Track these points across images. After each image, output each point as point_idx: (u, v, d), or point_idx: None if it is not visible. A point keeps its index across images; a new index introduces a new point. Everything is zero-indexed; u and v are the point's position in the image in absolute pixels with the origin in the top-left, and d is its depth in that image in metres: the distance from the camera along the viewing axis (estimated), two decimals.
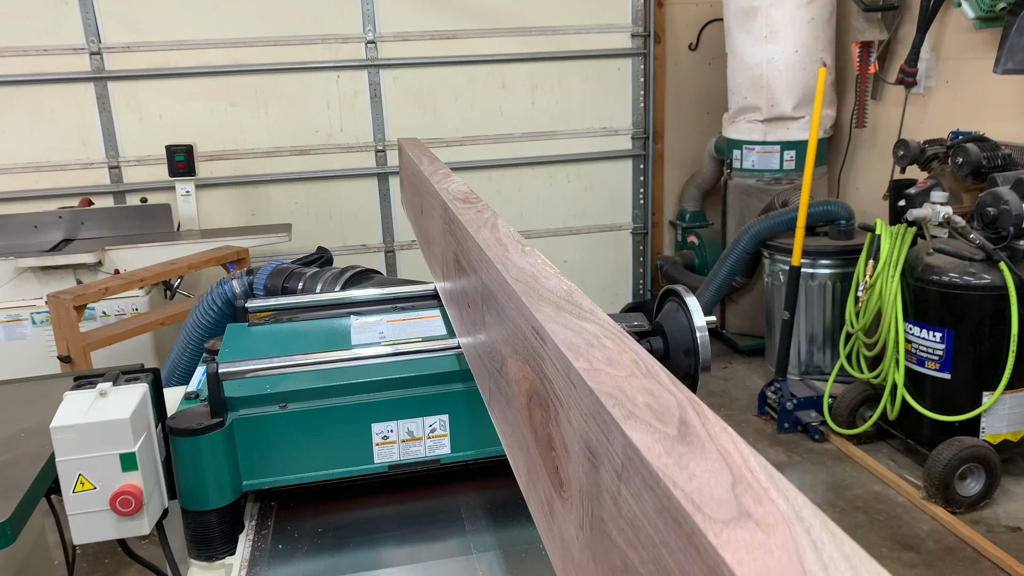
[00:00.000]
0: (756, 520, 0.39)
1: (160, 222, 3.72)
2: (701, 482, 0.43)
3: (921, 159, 3.37)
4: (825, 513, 0.40)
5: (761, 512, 0.40)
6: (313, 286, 1.80)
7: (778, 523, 0.39)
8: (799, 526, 0.39)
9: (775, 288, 4.07)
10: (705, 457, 0.46)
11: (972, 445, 3.03)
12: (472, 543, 1.27)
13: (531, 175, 4.83)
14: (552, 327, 0.69)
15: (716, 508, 0.40)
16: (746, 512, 0.40)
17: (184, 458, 1.21)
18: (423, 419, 1.33)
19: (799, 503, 0.41)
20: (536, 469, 0.75)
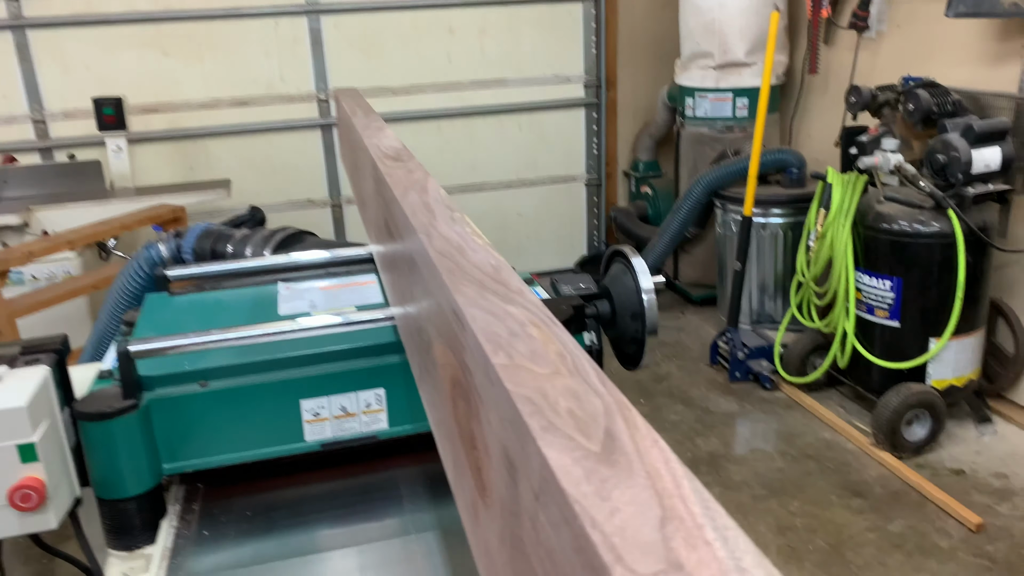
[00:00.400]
0: (688, 573, 0.33)
1: (91, 180, 3.53)
2: (625, 519, 0.36)
3: (873, 105, 3.33)
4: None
5: (694, 561, 0.33)
6: (242, 250, 1.69)
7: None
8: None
9: (727, 238, 4.05)
10: (632, 483, 0.39)
11: (919, 391, 3.07)
12: (411, 522, 1.21)
13: (482, 125, 4.70)
14: (473, 312, 0.61)
15: (640, 557, 0.34)
16: (676, 563, 0.33)
17: (95, 444, 1.12)
18: (357, 394, 1.25)
19: (740, 547, 0.34)
20: (461, 465, 0.69)
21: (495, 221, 4.88)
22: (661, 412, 3.50)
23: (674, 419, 3.45)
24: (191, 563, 1.12)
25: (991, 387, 3.38)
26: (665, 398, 3.62)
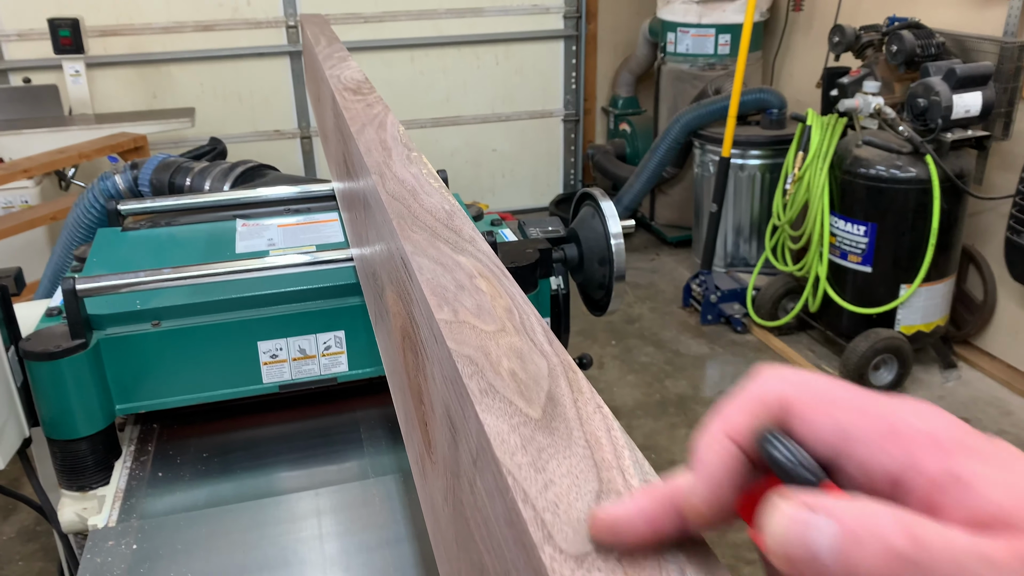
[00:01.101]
0: (620, 553, 0.31)
1: (48, 105, 3.39)
2: (559, 493, 0.34)
3: (856, 46, 3.27)
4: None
5: None
6: (201, 183, 1.63)
7: (648, 559, 0.30)
8: (673, 563, 0.30)
9: (705, 179, 4.02)
10: (570, 453, 0.36)
11: (887, 337, 3.10)
12: (370, 465, 1.20)
13: (457, 56, 4.57)
14: (420, 261, 0.58)
15: (571, 536, 0.31)
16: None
17: (43, 384, 1.08)
18: (316, 336, 1.22)
19: None
20: (411, 418, 0.66)
21: (469, 157, 4.80)
22: (631, 354, 3.51)
23: (644, 361, 3.46)
24: (145, 504, 1.11)
25: (958, 333, 3.43)
26: (636, 339, 3.63)
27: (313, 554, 1.02)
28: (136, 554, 1.01)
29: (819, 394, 0.33)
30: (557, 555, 0.30)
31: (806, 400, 0.33)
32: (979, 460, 0.30)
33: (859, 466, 0.31)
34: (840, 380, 0.33)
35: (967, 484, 0.29)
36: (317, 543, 1.04)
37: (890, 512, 0.27)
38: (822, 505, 0.28)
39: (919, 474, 0.30)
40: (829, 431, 0.32)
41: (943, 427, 0.31)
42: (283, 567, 0.99)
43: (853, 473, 0.31)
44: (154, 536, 1.04)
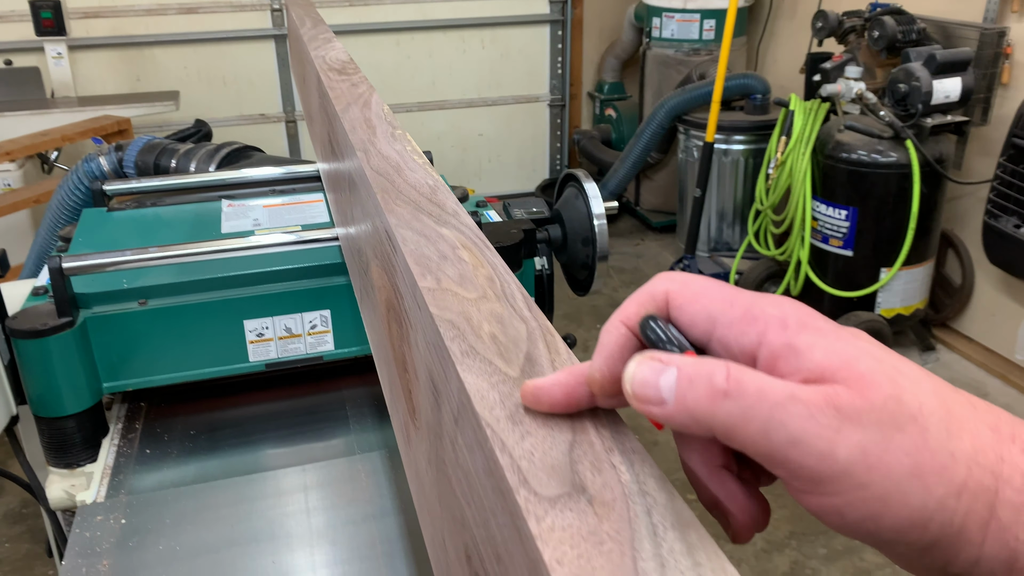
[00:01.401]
0: (591, 496, 0.32)
1: (30, 88, 3.36)
2: (535, 443, 0.36)
3: (839, 31, 3.30)
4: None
5: (599, 485, 0.33)
6: (186, 164, 1.64)
7: (616, 500, 0.32)
8: (640, 505, 0.32)
9: (689, 164, 4.04)
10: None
11: (867, 319, 3.14)
12: (356, 442, 1.21)
13: (443, 40, 4.56)
14: (404, 233, 0.59)
15: (545, 480, 0.33)
16: (580, 485, 0.33)
17: (29, 362, 1.09)
18: (302, 315, 1.23)
19: (644, 471, 0.34)
20: (396, 388, 0.68)
21: (455, 141, 4.80)
22: None
23: None
24: (133, 480, 1.12)
25: (937, 316, 3.48)
26: None
27: (300, 528, 1.03)
28: (125, 528, 1.02)
29: (695, 289, 0.39)
30: (532, 497, 0.32)
31: (685, 294, 0.39)
32: (814, 334, 0.35)
33: (723, 345, 0.37)
34: (715, 280, 0.39)
35: (799, 352, 0.34)
36: (304, 517, 1.05)
37: (720, 363, 0.34)
38: (669, 358, 0.34)
39: (766, 347, 0.35)
40: (701, 318, 0.38)
41: (792, 312, 0.36)
42: (270, 540, 1.01)
43: (720, 351, 0.37)
44: (142, 511, 1.05)
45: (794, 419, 0.32)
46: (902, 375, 0.34)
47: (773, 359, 0.35)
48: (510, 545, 0.34)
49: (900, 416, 0.32)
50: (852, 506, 0.32)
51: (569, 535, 0.30)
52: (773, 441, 0.32)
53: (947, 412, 0.33)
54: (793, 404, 0.32)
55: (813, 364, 0.34)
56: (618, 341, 0.38)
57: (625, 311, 0.39)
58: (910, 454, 0.32)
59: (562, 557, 0.29)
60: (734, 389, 0.33)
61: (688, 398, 0.33)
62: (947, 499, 0.32)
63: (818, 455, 0.32)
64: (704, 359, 0.34)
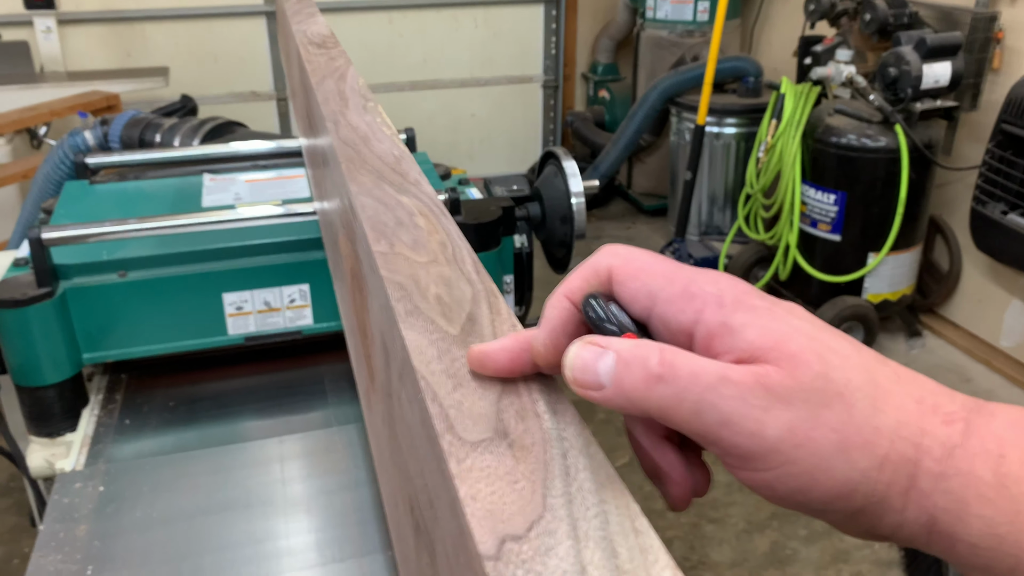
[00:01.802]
0: (511, 441, 0.34)
1: (18, 62, 3.35)
2: (465, 393, 0.37)
3: (831, 14, 3.29)
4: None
5: (520, 431, 0.35)
6: (171, 139, 1.64)
7: (535, 445, 0.34)
8: (557, 448, 0.34)
9: (681, 147, 4.04)
10: None
11: (854, 304, 3.16)
12: (334, 415, 1.23)
13: (435, 18, 4.54)
14: (364, 201, 0.61)
15: (471, 427, 0.35)
16: (503, 431, 0.35)
17: (10, 332, 1.10)
18: (281, 289, 1.25)
19: (566, 419, 0.36)
20: (359, 355, 0.69)
21: (446, 122, 4.79)
22: None
23: None
24: (112, 450, 1.13)
25: (924, 302, 3.50)
26: None
27: (275, 496, 1.05)
28: (103, 496, 1.04)
29: (637, 265, 0.39)
30: (456, 441, 0.34)
31: (627, 270, 0.39)
32: (749, 313, 0.36)
33: (663, 322, 0.38)
34: (659, 255, 0.40)
35: (733, 331, 0.35)
36: (280, 486, 1.07)
37: (656, 346, 0.35)
38: (607, 343, 0.35)
39: (702, 325, 0.36)
40: (642, 294, 0.39)
41: (728, 289, 0.37)
42: (245, 508, 1.03)
43: (660, 329, 0.38)
44: (121, 479, 1.07)
45: (725, 400, 0.33)
46: (831, 352, 0.35)
47: (709, 337, 0.36)
48: (439, 489, 0.35)
49: (827, 393, 0.34)
50: (782, 481, 0.34)
51: (486, 475, 0.32)
52: (705, 422, 0.34)
53: (874, 386, 0.35)
54: (724, 386, 0.34)
55: (746, 343, 0.35)
56: (561, 316, 0.39)
57: (569, 285, 0.40)
58: (836, 430, 0.33)
59: (477, 494, 0.31)
60: (667, 373, 0.34)
61: (625, 382, 0.34)
62: (870, 471, 0.34)
63: (748, 434, 0.33)
64: (641, 342, 0.35)
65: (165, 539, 0.97)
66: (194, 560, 0.93)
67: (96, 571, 0.91)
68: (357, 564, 0.94)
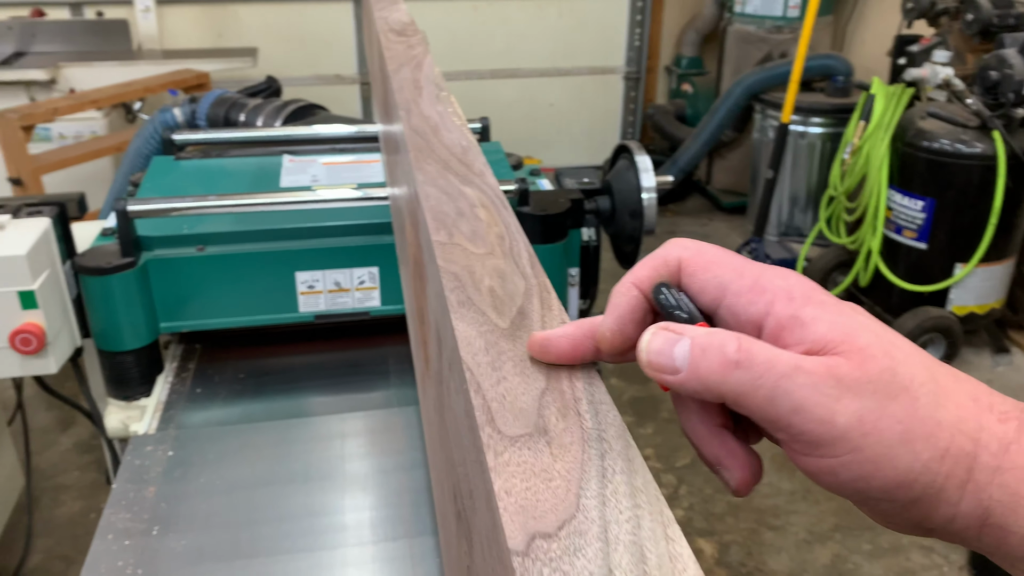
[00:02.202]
0: (550, 438, 0.34)
1: (117, 39, 3.50)
2: (509, 387, 0.37)
3: (930, 13, 3.15)
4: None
5: (560, 428, 0.35)
6: (254, 119, 1.69)
7: (573, 443, 0.34)
8: (595, 449, 0.33)
9: (764, 145, 3.94)
10: (527, 357, 0.40)
11: (937, 316, 3.03)
12: (395, 396, 1.25)
13: (518, 7, 4.54)
14: (428, 190, 0.61)
15: (511, 421, 0.35)
16: (543, 428, 0.35)
17: (94, 298, 1.16)
18: (352, 270, 1.27)
19: (607, 420, 0.35)
20: (417, 340, 0.70)
21: (525, 111, 4.79)
22: None
23: None
24: (182, 416, 1.18)
25: (1014, 318, 3.33)
26: None
27: (334, 472, 1.08)
28: (171, 460, 1.09)
29: (707, 257, 0.41)
30: (495, 434, 0.34)
31: (697, 262, 0.41)
32: (818, 307, 0.37)
33: (732, 314, 0.39)
34: (727, 250, 0.41)
35: (803, 323, 0.37)
36: (339, 462, 1.10)
37: (731, 334, 0.36)
38: (683, 329, 0.37)
39: (772, 318, 0.38)
40: (712, 285, 0.40)
41: (797, 285, 0.39)
42: (304, 481, 1.06)
43: (728, 319, 0.40)
44: (189, 445, 1.11)
45: (798, 388, 0.35)
46: (896, 348, 0.37)
47: (779, 329, 0.37)
48: (477, 480, 0.36)
49: (894, 386, 0.35)
50: (846, 467, 0.35)
51: (522, 470, 0.32)
52: (778, 408, 0.35)
53: (935, 383, 0.36)
54: (798, 374, 0.35)
55: (817, 336, 0.36)
56: (629, 303, 0.41)
57: (637, 274, 0.41)
58: (902, 421, 0.35)
59: (511, 488, 0.31)
60: (744, 359, 0.35)
61: (701, 367, 0.36)
62: (931, 462, 0.35)
63: (818, 421, 0.35)
64: (716, 330, 0.36)
65: (226, 506, 1.00)
66: (253, 529, 0.97)
67: (161, 532, 0.95)
68: (408, 544, 0.96)
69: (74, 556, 2.20)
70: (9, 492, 1.95)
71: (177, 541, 0.94)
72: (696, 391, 0.36)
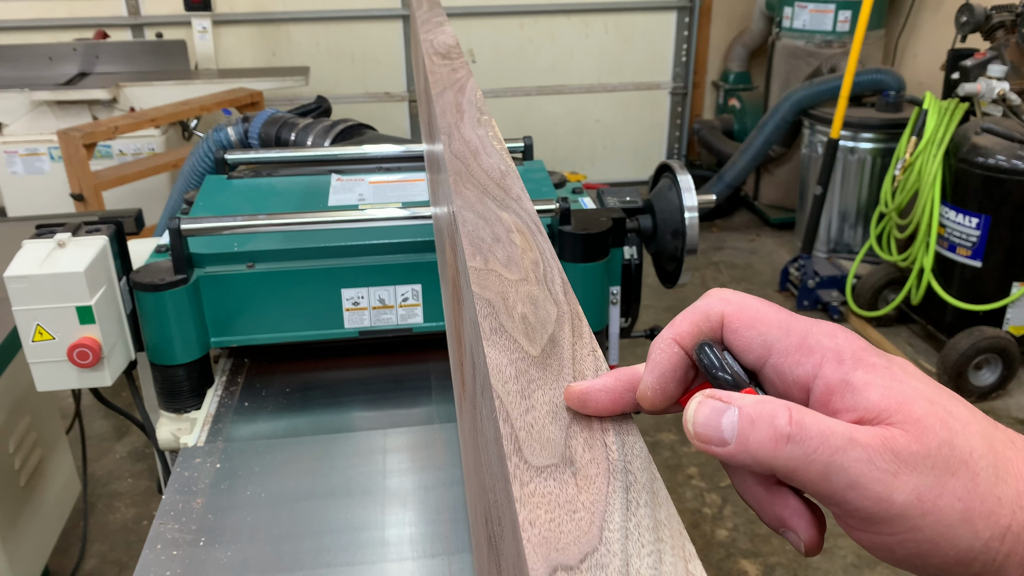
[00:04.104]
0: (576, 469, 0.35)
1: (176, 59, 3.62)
2: (537, 416, 0.38)
3: (985, 27, 3.08)
4: None
5: (587, 459, 0.35)
6: (304, 138, 1.73)
7: (599, 475, 0.34)
8: (620, 481, 0.34)
9: (812, 160, 3.89)
10: (556, 387, 0.41)
11: (993, 336, 2.95)
12: (437, 413, 1.27)
13: (566, 24, 4.57)
14: (466, 215, 0.63)
15: (538, 451, 0.36)
16: (569, 459, 0.35)
17: (148, 313, 1.20)
18: (395, 287, 1.30)
19: (633, 452, 0.36)
20: (455, 361, 0.72)
21: (571, 126, 4.80)
22: None
23: None
24: (230, 429, 1.21)
25: None
26: None
27: (375, 487, 1.09)
28: (219, 472, 1.12)
29: (751, 313, 0.39)
30: (522, 464, 0.35)
31: (741, 317, 0.39)
32: (869, 371, 0.36)
33: (778, 373, 0.38)
34: (771, 303, 0.40)
35: (855, 389, 0.35)
36: (380, 478, 1.11)
37: (782, 404, 0.34)
38: (730, 397, 0.35)
39: (821, 380, 0.36)
40: (757, 344, 0.39)
41: (847, 345, 0.37)
42: (346, 496, 1.08)
43: (773, 379, 0.38)
44: (236, 458, 1.14)
45: (854, 463, 0.33)
46: (953, 417, 0.35)
47: (828, 393, 0.36)
48: (504, 508, 0.37)
49: (952, 461, 0.34)
50: (904, 546, 0.34)
51: (547, 501, 0.33)
52: (833, 484, 0.33)
53: (994, 455, 0.35)
54: (853, 448, 0.33)
55: (869, 403, 0.35)
56: (670, 360, 0.39)
57: (677, 328, 0.40)
58: (962, 499, 0.33)
59: (536, 519, 0.32)
60: (796, 432, 0.33)
61: (751, 440, 0.34)
62: (992, 541, 0.34)
63: (875, 498, 0.33)
64: (765, 399, 0.35)
65: (270, 519, 1.02)
66: (295, 542, 0.99)
67: (208, 543, 0.98)
68: (446, 561, 0.97)
69: (126, 561, 2.26)
70: (67, 498, 2.02)
71: (223, 552, 0.97)
72: (746, 464, 0.34)
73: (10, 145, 3.11)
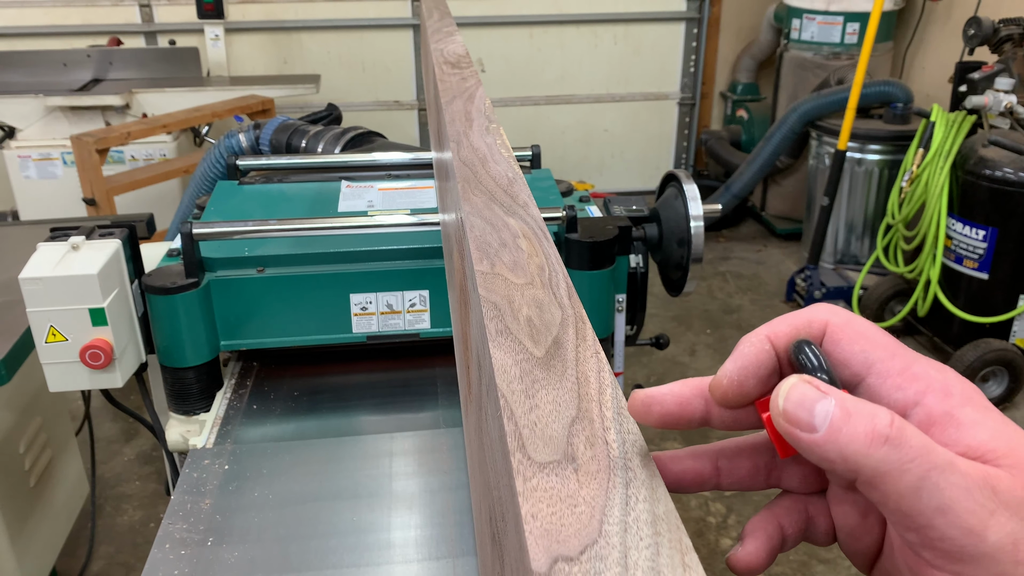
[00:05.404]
0: (578, 465, 0.36)
1: (188, 66, 3.65)
2: (540, 415, 0.39)
3: (993, 40, 3.09)
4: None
5: (588, 456, 0.36)
6: (315, 145, 1.75)
7: (600, 471, 0.36)
8: (620, 477, 0.35)
9: (820, 171, 3.90)
10: (560, 386, 0.42)
11: (999, 348, 2.95)
12: (443, 417, 1.28)
13: (575, 34, 4.59)
14: (473, 221, 0.64)
15: (541, 448, 0.37)
16: (571, 455, 0.37)
17: (159, 316, 1.22)
18: (403, 293, 1.31)
19: (635, 449, 0.37)
20: (462, 364, 0.73)
21: (579, 136, 4.82)
22: (726, 343, 3.48)
23: None
24: (238, 432, 1.23)
25: None
26: (732, 330, 3.59)
27: (381, 490, 1.11)
28: (227, 473, 1.13)
29: (857, 328, 0.37)
30: (525, 460, 0.36)
31: (846, 331, 0.37)
32: (980, 411, 0.34)
33: (874, 395, 0.36)
34: (876, 326, 0.38)
35: (960, 424, 0.34)
36: (386, 481, 1.13)
37: (885, 409, 0.32)
38: (829, 390, 0.33)
39: (922, 409, 0.35)
40: (858, 360, 0.37)
41: (956, 382, 0.35)
42: (353, 498, 1.09)
43: (867, 399, 0.35)
44: (244, 460, 1.16)
45: (950, 487, 0.31)
46: None
47: (929, 423, 0.34)
48: (508, 504, 0.38)
49: None
50: None
51: (548, 496, 0.34)
52: (923, 502, 0.31)
53: None
54: (952, 472, 0.31)
55: (976, 442, 0.33)
56: (758, 356, 0.37)
57: (775, 328, 0.38)
58: None
59: (537, 513, 0.33)
60: (896, 436, 0.31)
61: (844, 432, 0.31)
62: None
63: (966, 530, 0.31)
64: (866, 401, 0.33)
65: (277, 520, 1.04)
66: (301, 543, 1.00)
67: (215, 543, 0.99)
68: (451, 564, 0.98)
69: (133, 563, 2.27)
70: (75, 499, 2.04)
71: (230, 552, 0.98)
72: (829, 459, 0.32)
73: (24, 150, 3.15)
